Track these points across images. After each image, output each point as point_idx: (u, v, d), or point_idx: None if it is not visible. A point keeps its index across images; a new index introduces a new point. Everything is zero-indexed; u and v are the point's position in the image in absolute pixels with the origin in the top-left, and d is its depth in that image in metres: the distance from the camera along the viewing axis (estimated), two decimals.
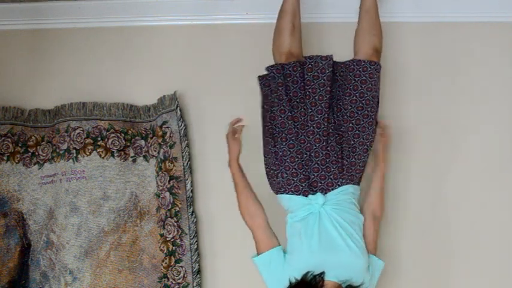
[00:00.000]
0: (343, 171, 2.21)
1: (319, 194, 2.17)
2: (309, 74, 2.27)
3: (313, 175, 2.19)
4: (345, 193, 2.19)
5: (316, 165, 2.19)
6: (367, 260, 2.11)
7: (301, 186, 2.18)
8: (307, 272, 1.97)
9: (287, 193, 2.20)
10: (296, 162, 2.19)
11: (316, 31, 2.63)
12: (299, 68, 2.27)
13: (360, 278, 2.05)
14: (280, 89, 2.25)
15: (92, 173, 2.57)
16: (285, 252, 2.14)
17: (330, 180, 2.20)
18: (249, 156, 2.35)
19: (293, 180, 2.19)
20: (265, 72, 2.31)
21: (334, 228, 2.10)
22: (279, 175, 2.21)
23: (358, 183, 2.25)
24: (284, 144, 2.21)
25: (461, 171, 2.55)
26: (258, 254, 2.16)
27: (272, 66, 2.29)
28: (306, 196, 2.17)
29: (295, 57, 2.31)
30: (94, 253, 2.53)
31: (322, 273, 1.98)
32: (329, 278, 2.00)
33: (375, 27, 2.40)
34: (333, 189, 2.18)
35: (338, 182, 2.20)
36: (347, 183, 2.20)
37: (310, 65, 2.27)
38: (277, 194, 2.25)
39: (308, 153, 2.21)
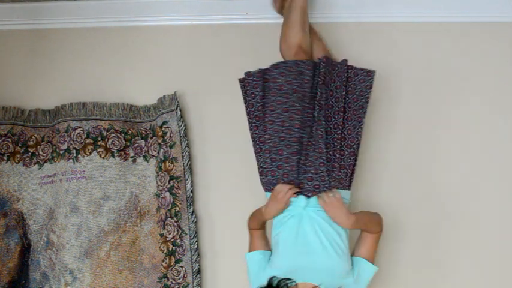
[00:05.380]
0: (331, 174, 2.17)
1: (301, 197, 2.15)
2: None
3: (301, 177, 2.16)
4: None
5: (304, 167, 2.16)
6: (346, 264, 2.09)
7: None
8: (272, 277, 1.93)
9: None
10: (290, 163, 2.16)
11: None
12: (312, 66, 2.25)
13: (336, 281, 2.04)
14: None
15: (92, 173, 2.57)
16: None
17: (317, 182, 2.15)
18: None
19: (283, 180, 2.17)
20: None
21: (314, 231, 2.09)
22: (269, 173, 2.20)
23: (348, 188, 2.23)
24: (282, 143, 2.18)
25: (460, 171, 2.56)
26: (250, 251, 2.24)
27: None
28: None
29: (304, 53, 2.29)
30: (94, 253, 2.53)
31: (289, 279, 1.93)
32: (306, 281, 1.99)
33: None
34: (319, 192, 2.14)
35: (326, 184, 2.15)
36: (336, 187, 2.16)
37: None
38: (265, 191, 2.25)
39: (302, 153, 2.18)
